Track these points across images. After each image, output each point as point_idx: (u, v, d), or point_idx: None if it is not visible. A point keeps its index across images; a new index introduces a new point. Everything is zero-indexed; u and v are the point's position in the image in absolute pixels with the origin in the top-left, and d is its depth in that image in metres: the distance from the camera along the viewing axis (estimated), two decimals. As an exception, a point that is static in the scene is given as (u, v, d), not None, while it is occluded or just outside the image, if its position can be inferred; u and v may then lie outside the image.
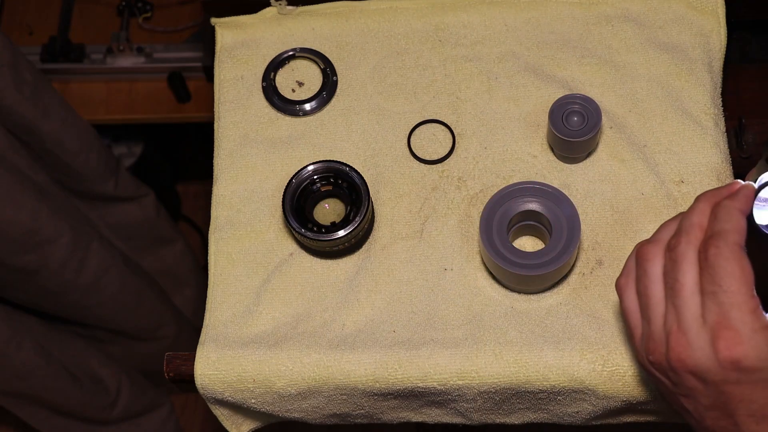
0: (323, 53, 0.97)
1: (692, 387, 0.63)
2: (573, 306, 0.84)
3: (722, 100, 0.92)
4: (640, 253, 0.66)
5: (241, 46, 0.98)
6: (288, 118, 0.95)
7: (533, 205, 0.83)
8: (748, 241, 0.63)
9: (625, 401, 0.81)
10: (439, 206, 0.89)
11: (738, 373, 0.60)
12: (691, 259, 0.62)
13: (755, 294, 0.61)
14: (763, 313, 0.61)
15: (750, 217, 0.65)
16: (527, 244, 0.87)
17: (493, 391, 0.82)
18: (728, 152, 0.90)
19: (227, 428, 0.91)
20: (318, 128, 0.94)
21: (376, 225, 0.89)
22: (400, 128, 0.93)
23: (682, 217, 0.66)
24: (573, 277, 0.85)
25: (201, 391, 0.85)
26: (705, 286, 0.61)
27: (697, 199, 0.66)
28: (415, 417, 0.89)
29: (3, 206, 1.14)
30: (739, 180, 0.68)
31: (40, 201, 1.19)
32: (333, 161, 0.88)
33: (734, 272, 0.60)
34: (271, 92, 0.95)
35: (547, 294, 0.84)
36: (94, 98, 1.62)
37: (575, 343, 0.81)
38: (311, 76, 0.96)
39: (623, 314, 0.68)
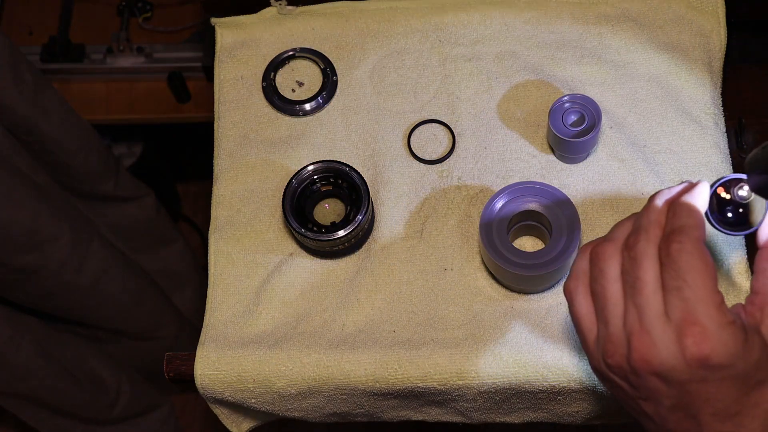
0: (323, 53, 0.97)
1: (654, 388, 0.60)
2: (573, 306, 0.84)
3: (722, 100, 0.92)
4: (595, 252, 0.64)
5: (241, 46, 0.98)
6: (288, 118, 0.95)
7: (533, 205, 0.83)
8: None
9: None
10: (439, 206, 0.89)
11: (704, 370, 0.58)
12: (651, 256, 0.61)
13: (719, 289, 0.59)
14: (728, 308, 0.59)
15: (706, 215, 0.65)
16: (527, 244, 0.87)
17: (493, 391, 0.82)
18: (728, 152, 0.90)
19: (227, 426, 0.91)
20: (318, 128, 0.94)
21: (376, 225, 0.89)
22: (400, 128, 0.93)
23: (637, 216, 0.64)
24: (573, 277, 0.85)
25: (201, 391, 0.85)
26: (668, 282, 0.59)
27: (652, 197, 0.65)
28: (416, 416, 0.89)
29: (3, 206, 1.13)
30: (689, 180, 0.66)
31: (40, 201, 1.19)
32: (333, 161, 0.88)
33: (698, 267, 0.59)
34: (271, 92, 0.95)
35: (547, 294, 0.84)
36: (94, 98, 1.62)
37: (575, 343, 0.81)
38: (311, 76, 0.96)
39: (574, 319, 0.66)
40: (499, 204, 0.83)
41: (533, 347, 0.81)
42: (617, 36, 0.94)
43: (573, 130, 0.86)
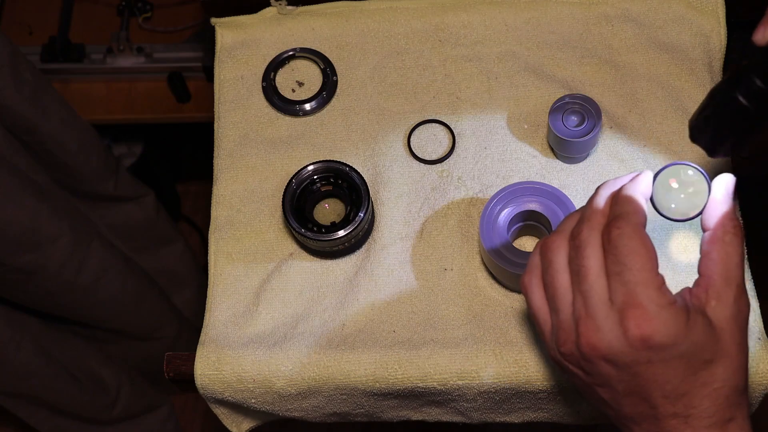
0: (323, 53, 0.97)
1: (606, 374, 0.62)
2: (573, 306, 0.83)
3: (722, 100, 0.92)
4: (544, 245, 0.66)
5: (241, 46, 0.98)
6: (288, 118, 0.95)
7: (533, 205, 0.83)
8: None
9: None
10: (439, 206, 0.89)
11: (648, 351, 0.59)
12: (594, 243, 0.62)
13: (659, 272, 0.60)
14: (669, 289, 0.60)
15: (652, 203, 0.66)
16: (527, 244, 0.87)
17: (493, 391, 0.82)
18: (728, 152, 0.90)
19: (227, 426, 0.91)
20: (318, 128, 0.94)
21: (376, 225, 0.89)
22: (400, 128, 0.93)
23: (583, 207, 0.66)
24: (573, 277, 0.85)
25: (201, 391, 0.85)
26: (610, 267, 0.61)
27: (598, 188, 0.66)
28: (415, 416, 0.89)
29: (3, 206, 1.13)
30: (637, 170, 0.68)
31: (40, 201, 1.19)
32: (333, 161, 0.88)
33: (638, 251, 0.60)
34: (271, 92, 0.95)
35: (547, 294, 0.84)
36: (94, 98, 1.62)
37: (575, 343, 0.81)
38: (311, 76, 0.96)
39: (531, 312, 0.67)
40: (499, 204, 0.83)
41: (533, 347, 0.81)
42: (617, 36, 0.94)
43: (573, 130, 0.86)
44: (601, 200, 0.65)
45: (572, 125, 0.86)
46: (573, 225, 0.65)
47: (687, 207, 0.67)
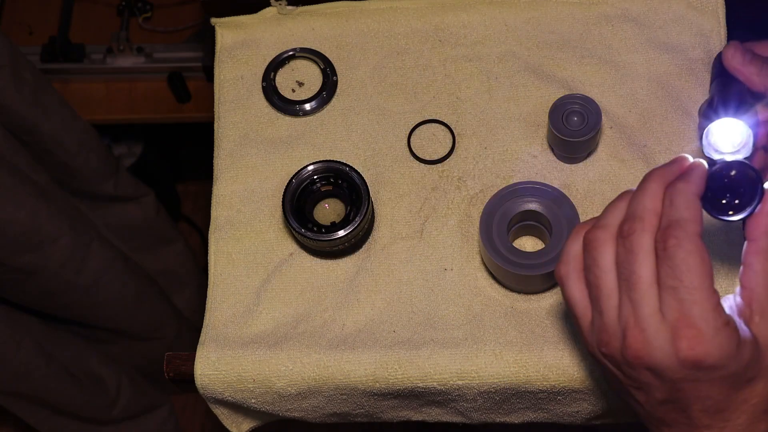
0: (323, 53, 0.97)
1: (647, 382, 0.60)
2: (573, 306, 0.83)
3: (722, 100, 0.92)
4: (587, 239, 0.63)
5: (241, 46, 0.98)
6: (288, 118, 0.95)
7: (533, 205, 0.83)
8: None
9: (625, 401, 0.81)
10: (439, 206, 0.89)
11: (697, 371, 0.58)
12: (647, 248, 0.59)
13: (716, 289, 0.58)
14: (723, 309, 0.58)
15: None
16: (527, 244, 0.87)
17: (493, 391, 0.82)
18: (728, 152, 0.90)
19: (227, 427, 0.91)
20: (318, 128, 0.94)
21: (376, 225, 0.89)
22: (400, 128, 0.93)
23: (631, 198, 0.62)
24: (573, 277, 0.85)
25: (201, 391, 0.85)
26: (664, 279, 0.58)
27: (647, 178, 0.62)
28: (416, 416, 0.89)
29: (3, 206, 1.14)
30: (686, 155, 0.64)
31: (40, 201, 1.19)
32: (333, 161, 0.88)
33: (696, 267, 0.58)
34: (271, 92, 0.95)
35: (547, 294, 0.84)
36: (94, 98, 1.62)
37: (575, 343, 0.81)
38: (311, 76, 0.96)
39: (567, 303, 0.65)
40: (499, 204, 0.83)
41: (533, 347, 0.81)
42: (617, 36, 0.94)
43: (573, 130, 0.86)
44: (653, 196, 0.61)
45: (572, 125, 0.86)
46: (618, 219, 0.62)
47: (735, 206, 0.63)
